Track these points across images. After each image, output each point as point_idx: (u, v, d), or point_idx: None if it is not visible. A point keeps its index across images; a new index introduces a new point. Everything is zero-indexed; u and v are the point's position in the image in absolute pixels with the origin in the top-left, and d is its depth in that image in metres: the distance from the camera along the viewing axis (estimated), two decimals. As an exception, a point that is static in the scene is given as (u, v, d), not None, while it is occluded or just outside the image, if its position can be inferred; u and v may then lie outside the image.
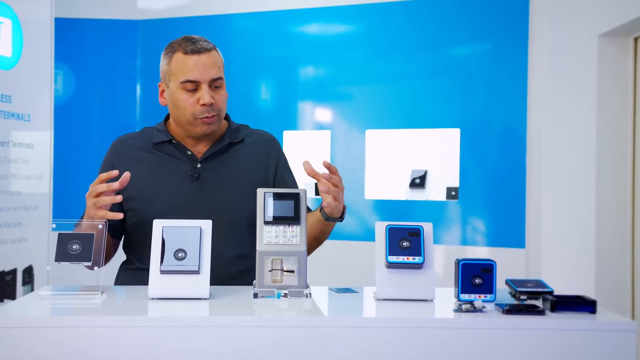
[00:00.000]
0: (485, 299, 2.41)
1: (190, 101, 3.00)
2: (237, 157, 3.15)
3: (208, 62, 3.03)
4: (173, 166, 3.08)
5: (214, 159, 3.10)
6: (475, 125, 6.03)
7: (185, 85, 3.01)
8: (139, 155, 3.12)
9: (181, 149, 3.10)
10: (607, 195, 4.99)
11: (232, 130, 3.19)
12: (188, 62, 3.02)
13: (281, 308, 2.37)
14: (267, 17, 6.67)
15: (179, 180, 3.04)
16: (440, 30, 6.19)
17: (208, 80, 3.01)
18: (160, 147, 3.11)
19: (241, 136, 3.19)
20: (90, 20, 6.86)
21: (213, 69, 3.04)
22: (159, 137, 3.12)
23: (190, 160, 3.08)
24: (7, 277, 4.93)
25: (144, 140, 3.16)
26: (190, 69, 3.01)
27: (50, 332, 2.14)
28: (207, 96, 2.99)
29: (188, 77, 3.00)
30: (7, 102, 4.91)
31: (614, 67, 4.96)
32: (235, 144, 3.17)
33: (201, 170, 3.06)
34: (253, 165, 3.15)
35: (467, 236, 6.04)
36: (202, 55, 3.03)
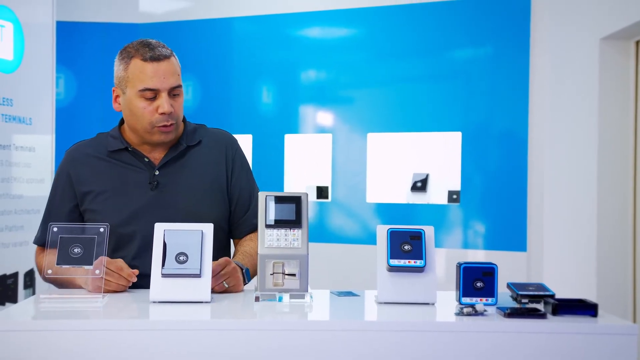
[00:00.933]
0: (487, 302, 2.42)
1: (149, 109, 2.93)
2: (195, 160, 3.09)
3: (168, 70, 2.94)
4: (131, 174, 3.01)
5: (172, 165, 3.04)
6: (476, 129, 6.03)
7: (144, 93, 2.93)
8: (95, 164, 3.05)
9: (138, 156, 3.03)
10: (608, 199, 4.98)
11: (188, 132, 3.12)
12: (147, 69, 2.93)
13: (282, 311, 2.37)
14: (268, 20, 6.67)
15: (137, 188, 2.98)
16: (441, 34, 6.19)
17: (167, 88, 2.93)
18: (117, 154, 3.05)
19: (198, 138, 3.12)
20: (92, 24, 6.86)
21: (172, 77, 2.95)
22: (114, 145, 3.05)
23: (148, 168, 3.02)
24: (8, 281, 4.94)
25: (100, 148, 3.09)
26: (150, 77, 2.92)
27: (51, 336, 2.14)
28: (166, 105, 2.91)
29: (147, 86, 2.92)
30: (8, 105, 4.92)
31: (615, 71, 4.96)
32: (193, 147, 3.10)
33: (160, 177, 3.01)
34: (212, 167, 3.09)
35: (469, 239, 6.03)
36: (162, 63, 2.94)
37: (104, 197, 2.95)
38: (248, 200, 3.14)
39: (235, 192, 3.12)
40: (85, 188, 3.01)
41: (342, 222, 6.48)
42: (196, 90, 6.81)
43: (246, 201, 3.14)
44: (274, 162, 6.61)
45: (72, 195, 3.04)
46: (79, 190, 3.02)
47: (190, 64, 6.82)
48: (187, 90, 6.85)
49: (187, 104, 6.73)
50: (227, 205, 3.11)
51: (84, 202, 2.97)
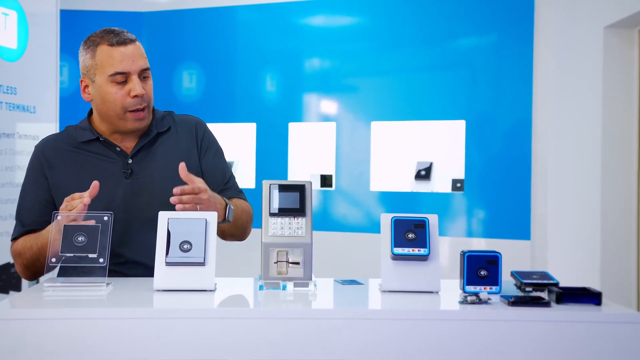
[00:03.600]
0: (491, 290, 2.42)
1: (120, 94, 2.94)
2: (166, 146, 3.09)
3: (136, 53, 2.96)
4: (103, 164, 3.01)
5: (144, 152, 3.04)
6: (480, 117, 6.03)
7: (114, 77, 2.93)
8: (66, 156, 3.04)
9: (109, 145, 3.03)
10: (612, 187, 4.98)
11: (157, 120, 3.12)
12: (115, 53, 2.94)
13: (287, 300, 2.37)
14: (272, 9, 6.66)
15: (111, 178, 2.98)
16: (445, 22, 6.18)
17: (138, 70, 2.94)
18: (88, 145, 3.04)
19: (167, 125, 3.12)
20: (96, 12, 6.86)
21: (141, 59, 2.97)
22: (84, 136, 3.05)
23: (120, 157, 3.02)
24: (12, 269, 4.94)
25: (69, 140, 3.08)
26: (119, 61, 2.93)
27: (55, 324, 2.14)
28: (138, 87, 2.92)
29: (117, 69, 2.93)
30: (12, 94, 4.91)
31: (619, 59, 4.96)
32: (163, 134, 3.11)
33: (133, 165, 3.01)
34: (184, 152, 3.09)
35: (473, 228, 6.04)
36: (129, 46, 2.95)
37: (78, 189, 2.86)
38: (222, 177, 3.16)
39: (209, 170, 3.12)
40: (58, 180, 3.00)
41: (346, 210, 6.49)
42: (200, 78, 6.82)
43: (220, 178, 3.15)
44: (278, 151, 6.61)
45: (46, 187, 3.02)
46: (53, 182, 3.00)
47: (194, 53, 6.83)
48: (191, 79, 6.85)
49: (191, 92, 6.77)
50: None
51: (59, 194, 2.93)
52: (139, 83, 2.94)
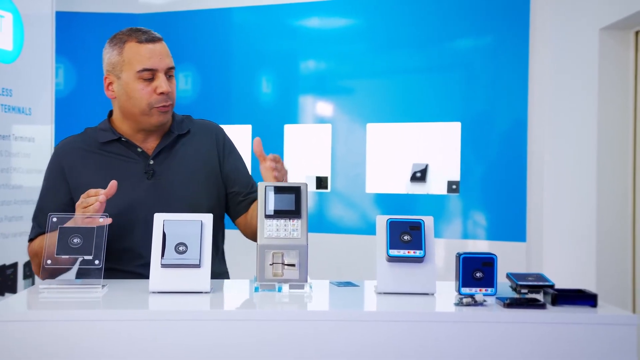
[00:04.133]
0: (486, 292, 2.42)
1: (147, 90, 2.96)
2: (186, 149, 3.11)
3: (163, 51, 3.01)
4: (125, 165, 3.02)
5: (166, 153, 3.06)
6: (476, 119, 6.03)
7: (142, 74, 2.96)
8: (86, 157, 3.05)
9: (130, 146, 3.04)
10: (608, 189, 4.99)
11: (177, 122, 3.14)
12: (143, 50, 2.98)
13: (282, 302, 2.37)
14: (267, 10, 6.67)
15: (133, 178, 2.99)
16: (441, 24, 6.18)
17: (165, 68, 2.98)
18: (108, 146, 3.05)
19: (187, 127, 3.15)
20: (91, 14, 6.85)
21: (168, 58, 3.01)
22: (105, 137, 3.06)
23: (142, 158, 3.03)
24: (8, 271, 4.94)
25: (89, 142, 3.09)
26: (147, 57, 2.96)
27: (51, 326, 2.14)
28: (164, 84, 2.95)
29: (145, 66, 2.95)
30: (8, 95, 4.91)
31: (615, 61, 4.96)
32: (183, 136, 3.13)
33: (154, 166, 3.02)
34: (204, 155, 3.12)
35: (468, 230, 6.04)
36: (157, 44, 3.00)
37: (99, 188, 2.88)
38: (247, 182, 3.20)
39: (232, 174, 3.16)
40: (79, 181, 3.00)
41: (342, 212, 6.48)
42: (195, 80, 6.81)
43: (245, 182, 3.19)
44: (274, 152, 6.60)
45: (66, 189, 3.02)
46: (73, 183, 3.01)
47: (189, 54, 6.82)
48: (187, 81, 6.85)
49: (186, 94, 6.77)
50: (221, 190, 3.15)
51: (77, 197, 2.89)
52: (165, 81, 2.97)
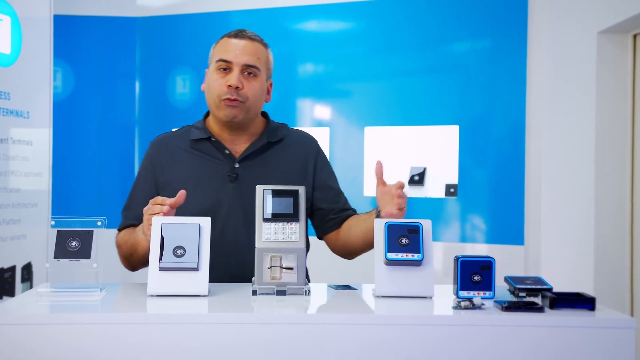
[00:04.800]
0: (484, 296, 2.42)
1: (220, 81, 3.02)
2: (275, 157, 3.13)
3: (246, 49, 3.05)
4: (211, 166, 3.07)
5: (253, 159, 3.10)
6: (474, 122, 6.03)
7: (219, 64, 3.03)
8: (177, 154, 3.12)
9: (219, 147, 3.10)
10: (606, 192, 4.99)
11: (270, 129, 3.19)
12: (226, 43, 3.07)
13: (280, 305, 2.37)
14: (265, 14, 6.66)
15: (216, 180, 3.04)
16: (439, 27, 6.18)
17: (240, 63, 3.02)
18: (199, 145, 3.12)
19: (280, 135, 3.18)
20: (89, 18, 6.85)
21: (250, 56, 3.04)
22: (197, 134, 3.12)
23: (228, 160, 3.08)
24: (6, 274, 4.93)
25: (183, 139, 3.16)
26: (226, 49, 3.04)
27: (49, 329, 2.14)
28: (234, 78, 2.99)
29: (222, 57, 3.03)
30: (6, 99, 4.91)
31: (612, 64, 4.96)
32: (274, 144, 3.16)
33: (239, 170, 3.06)
34: (292, 166, 3.14)
35: (466, 233, 6.04)
36: (242, 41, 3.05)
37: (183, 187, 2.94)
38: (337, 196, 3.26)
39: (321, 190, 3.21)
40: (165, 177, 3.09)
41: (340, 215, 6.47)
42: (194, 83, 6.81)
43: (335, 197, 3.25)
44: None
45: (154, 184, 3.11)
46: (160, 179, 3.10)
47: (187, 58, 6.82)
48: (185, 84, 6.85)
49: (184, 98, 6.76)
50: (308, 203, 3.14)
51: (165, 192, 3.03)
52: (238, 76, 3.01)
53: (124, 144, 6.87)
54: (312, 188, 3.17)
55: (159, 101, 6.87)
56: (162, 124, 6.78)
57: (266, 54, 3.13)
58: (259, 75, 3.07)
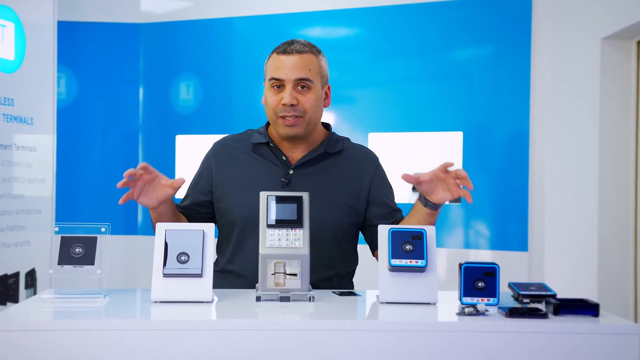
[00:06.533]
0: (488, 302, 2.41)
1: (275, 99, 3.06)
2: (332, 168, 3.15)
3: (295, 64, 3.05)
4: (266, 170, 3.11)
5: (308, 167, 3.11)
6: (478, 129, 6.03)
7: (272, 82, 3.07)
8: (236, 156, 3.18)
9: (277, 153, 3.14)
10: (609, 199, 4.98)
11: (331, 140, 3.22)
12: (276, 61, 3.08)
13: (284, 311, 2.37)
14: (269, 20, 6.67)
15: (269, 184, 3.05)
16: (443, 34, 6.19)
17: (292, 80, 3.03)
18: (258, 149, 3.17)
19: (339, 147, 3.21)
20: (93, 24, 6.86)
21: (300, 70, 3.05)
22: (257, 139, 3.17)
23: (284, 166, 3.11)
24: (9, 281, 4.93)
25: (244, 142, 3.22)
26: (277, 68, 3.06)
27: (52, 336, 2.14)
28: (287, 96, 3.02)
29: (273, 75, 3.06)
30: (10, 105, 4.92)
31: (616, 71, 4.96)
32: (332, 155, 3.18)
33: (293, 176, 3.08)
34: (347, 179, 3.15)
35: (470, 239, 6.03)
36: (292, 57, 3.06)
37: (236, 187, 3.09)
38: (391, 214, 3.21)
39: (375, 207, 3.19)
40: (221, 175, 3.16)
41: (344, 221, 6.47)
42: (197, 89, 6.81)
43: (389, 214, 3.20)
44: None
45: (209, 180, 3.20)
46: (216, 177, 3.17)
47: (191, 64, 6.83)
48: (189, 90, 6.85)
49: (188, 104, 6.76)
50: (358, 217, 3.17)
51: (218, 190, 3.13)
52: (291, 92, 3.03)
53: (127, 150, 6.88)
54: (367, 203, 3.17)
55: (162, 107, 6.87)
56: (166, 130, 6.79)
57: (318, 63, 3.13)
58: (313, 86, 3.08)
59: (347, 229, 3.14)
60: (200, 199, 3.17)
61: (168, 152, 6.78)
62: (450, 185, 2.84)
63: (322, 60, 3.18)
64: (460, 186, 2.85)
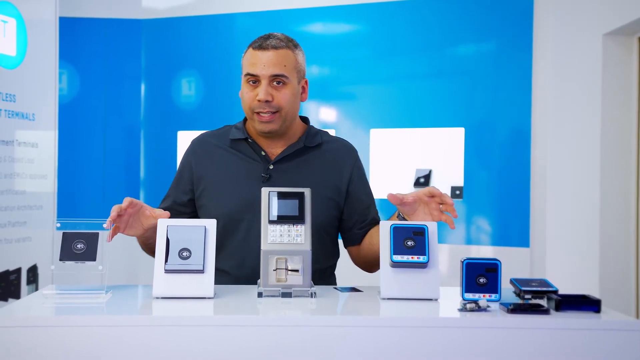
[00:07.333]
0: (490, 298, 2.41)
1: (250, 95, 3.03)
2: (312, 161, 3.14)
3: (272, 59, 3.03)
4: (246, 166, 3.10)
5: (288, 162, 3.10)
6: (479, 125, 6.03)
7: (247, 78, 3.05)
8: (214, 152, 3.16)
9: (256, 148, 3.12)
10: (611, 194, 4.98)
11: (310, 134, 3.18)
12: (251, 56, 3.06)
13: (285, 307, 2.37)
14: (271, 16, 6.67)
15: (250, 180, 3.05)
16: (444, 29, 6.18)
17: (267, 76, 3.01)
18: (237, 144, 3.15)
19: (318, 141, 3.18)
20: (95, 20, 6.86)
21: (275, 66, 3.02)
22: (235, 134, 3.15)
23: (263, 161, 3.09)
24: (11, 276, 4.94)
25: (222, 138, 3.20)
26: (252, 64, 3.04)
27: (54, 332, 2.14)
28: (262, 92, 2.99)
29: (249, 71, 3.04)
30: (11, 101, 4.92)
31: (618, 67, 4.96)
32: (312, 149, 3.16)
33: (273, 171, 3.07)
34: (327, 172, 3.13)
35: (472, 235, 6.03)
36: (267, 52, 3.03)
37: (216, 185, 3.07)
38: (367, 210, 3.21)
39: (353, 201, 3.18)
40: (201, 173, 3.14)
41: (345, 218, 6.47)
42: (199, 86, 6.82)
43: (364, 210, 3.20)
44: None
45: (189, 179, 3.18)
46: (196, 174, 3.15)
47: (193, 60, 6.83)
48: (190, 86, 6.85)
49: (190, 100, 6.76)
50: (339, 211, 3.17)
51: (200, 187, 3.11)
52: (266, 89, 3.01)
53: (129, 146, 6.88)
54: (345, 197, 3.16)
55: (164, 103, 6.88)
56: (168, 126, 6.80)
57: (294, 57, 3.11)
58: (289, 82, 3.06)
59: (329, 222, 3.14)
60: (182, 198, 3.16)
61: (169, 148, 6.78)
62: (432, 209, 2.81)
63: (299, 54, 3.16)
64: (442, 212, 2.80)
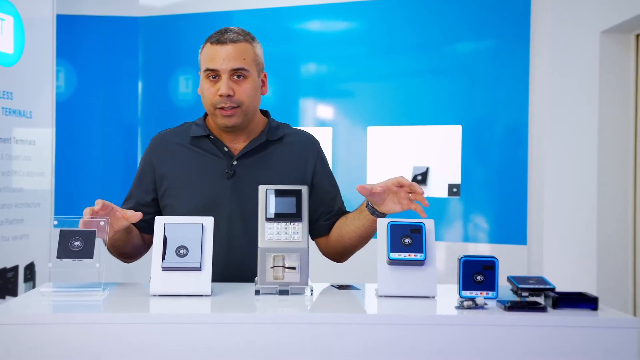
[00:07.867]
0: (487, 295, 2.41)
1: (211, 90, 3.02)
2: (274, 155, 3.12)
3: (231, 53, 3.01)
4: (209, 162, 3.07)
5: (251, 157, 3.08)
6: (477, 122, 6.03)
7: (207, 73, 3.03)
8: (176, 150, 3.13)
9: (218, 144, 3.09)
10: (608, 192, 4.98)
11: (271, 127, 3.17)
12: (210, 51, 3.05)
13: (283, 305, 2.37)
14: (268, 14, 6.66)
15: (214, 177, 3.03)
16: (442, 27, 6.18)
17: (227, 70, 2.99)
18: (198, 142, 3.12)
19: (280, 134, 3.16)
20: (92, 17, 6.86)
21: (235, 60, 3.01)
22: (196, 132, 3.13)
23: (226, 157, 3.07)
24: (8, 274, 4.94)
25: (182, 135, 3.17)
26: (211, 59, 3.02)
27: (51, 329, 2.14)
28: (224, 86, 2.97)
29: (208, 66, 3.02)
30: (8, 98, 4.91)
31: (615, 64, 4.96)
32: (274, 142, 3.14)
33: (237, 167, 3.05)
34: (290, 165, 3.11)
35: (469, 233, 6.03)
36: (226, 47, 3.02)
37: (180, 183, 3.04)
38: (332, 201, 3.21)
39: (318, 193, 3.17)
40: (164, 172, 3.10)
41: (343, 215, 6.47)
42: (196, 83, 6.81)
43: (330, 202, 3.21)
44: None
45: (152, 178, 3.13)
46: (158, 173, 3.11)
47: (190, 57, 6.82)
48: (188, 84, 6.85)
49: (187, 97, 6.76)
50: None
51: (163, 185, 3.08)
52: (227, 83, 2.99)
53: (126, 144, 6.88)
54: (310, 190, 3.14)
55: (161, 101, 6.87)
56: (165, 124, 6.74)
57: (252, 51, 3.10)
58: (249, 75, 3.04)
59: None
60: (146, 198, 3.11)
61: (167, 146, 6.77)
62: (401, 198, 2.79)
63: (257, 47, 3.15)
64: (412, 200, 2.78)
